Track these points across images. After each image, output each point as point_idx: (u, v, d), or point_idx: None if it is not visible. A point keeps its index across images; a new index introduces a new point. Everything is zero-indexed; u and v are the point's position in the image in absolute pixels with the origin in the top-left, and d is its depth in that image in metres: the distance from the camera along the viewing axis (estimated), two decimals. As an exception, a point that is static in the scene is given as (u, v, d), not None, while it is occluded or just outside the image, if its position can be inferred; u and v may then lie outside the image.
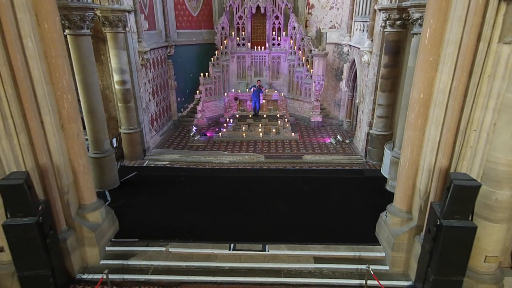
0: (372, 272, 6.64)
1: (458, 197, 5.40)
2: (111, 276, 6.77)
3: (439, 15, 5.68)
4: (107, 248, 7.70)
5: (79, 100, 8.75)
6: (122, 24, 10.82)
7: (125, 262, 7.42)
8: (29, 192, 5.57)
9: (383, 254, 7.52)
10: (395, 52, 10.66)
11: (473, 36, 5.31)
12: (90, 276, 7.17)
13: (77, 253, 7.18)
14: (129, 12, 11.06)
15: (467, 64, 5.48)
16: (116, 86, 11.46)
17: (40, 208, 5.87)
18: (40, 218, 5.76)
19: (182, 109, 17.25)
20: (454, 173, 5.77)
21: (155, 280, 7.11)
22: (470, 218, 5.60)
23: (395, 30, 10.35)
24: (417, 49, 6.45)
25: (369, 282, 6.75)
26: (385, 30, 10.61)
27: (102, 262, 7.42)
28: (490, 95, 5.35)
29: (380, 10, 10.62)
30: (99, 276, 7.01)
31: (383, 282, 6.78)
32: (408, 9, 8.74)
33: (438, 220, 5.65)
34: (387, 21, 10.36)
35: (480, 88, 5.47)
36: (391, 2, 10.10)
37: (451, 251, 5.65)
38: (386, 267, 7.30)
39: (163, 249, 7.73)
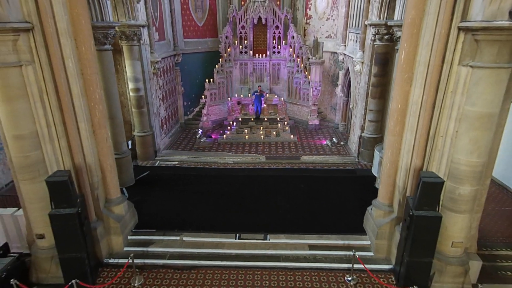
0: (357, 257, 7.76)
1: (426, 192, 6.54)
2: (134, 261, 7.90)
3: (411, 41, 6.81)
4: (129, 237, 8.85)
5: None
6: (137, 38, 11.94)
7: (145, 249, 8.57)
8: (71, 187, 6.73)
9: (369, 242, 8.66)
10: (384, 63, 11.77)
11: (438, 59, 6.43)
12: (116, 261, 8.32)
13: (105, 241, 8.32)
14: (143, 26, 12.19)
15: (434, 82, 6.60)
16: (131, 93, 12.59)
17: (78, 200, 7.02)
18: (79, 209, 6.91)
19: (188, 113, 18.39)
20: (424, 172, 6.92)
21: (171, 264, 8.26)
22: (437, 209, 6.72)
23: (383, 43, 11.45)
24: (398, 65, 7.55)
25: (356, 266, 7.87)
26: (374, 43, 11.72)
27: (126, 249, 8.56)
28: (452, 107, 6.47)
29: (370, 25, 11.75)
30: (123, 261, 8.15)
31: (368, 266, 7.88)
32: (392, 27, 9.86)
33: (411, 211, 6.79)
34: (376, 35, 11.48)
35: (445, 101, 6.59)
36: (379, 18, 11.22)
37: (421, 237, 6.78)
38: (371, 253, 8.43)
39: (178, 238, 8.89)
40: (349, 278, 7.80)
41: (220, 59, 17.68)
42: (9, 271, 7.04)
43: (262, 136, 16.03)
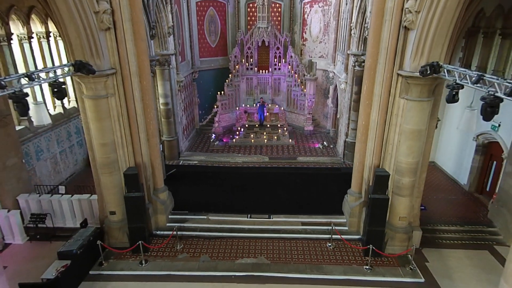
0: (336, 229, 10.95)
1: (378, 182, 9.71)
2: (174, 232, 11.06)
3: (369, 79, 9.98)
4: (169, 216, 12.03)
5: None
6: (167, 63, 15.13)
7: (181, 224, 11.73)
8: (138, 178, 9.92)
9: (345, 220, 11.81)
10: (362, 84, 14.89)
11: (386, 93, 9.59)
12: (161, 232, 11.50)
13: (153, 218, 11.48)
14: (172, 54, 15.37)
15: (384, 107, 9.77)
16: (161, 107, 15.77)
17: (141, 188, 10.21)
18: (142, 193, 10.11)
19: (202, 120, 21.59)
20: (377, 168, 10.10)
21: (201, 235, 11.43)
22: (386, 193, 9.89)
23: (361, 69, 14.49)
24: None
25: (334, 236, 11.05)
26: (355, 68, 14.87)
27: (168, 224, 11.73)
28: (396, 125, 9.62)
29: (351, 54, 14.94)
30: (167, 233, 11.33)
31: (343, 236, 11.04)
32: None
33: (369, 195, 9.98)
34: (356, 62, 14.64)
35: (391, 121, 9.75)
36: (358, 50, 14.39)
37: (375, 212, 9.93)
38: (346, 228, 11.59)
39: (205, 217, 12.08)
40: (329, 244, 10.98)
41: (230, 75, 20.84)
42: (93, 236, 10.22)
43: (265, 140, 19.16)
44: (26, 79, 6.47)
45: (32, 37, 12.97)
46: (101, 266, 10.03)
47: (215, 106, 20.84)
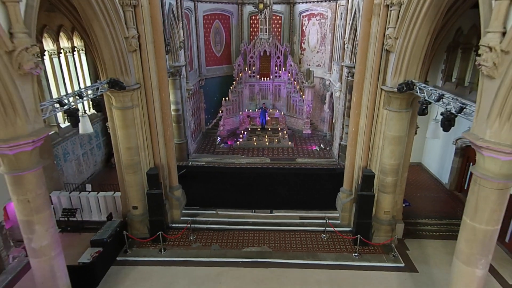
0: (329, 222, 12.53)
1: (365, 180, 11.30)
2: (188, 225, 12.63)
3: (358, 92, 11.57)
4: (183, 211, 13.61)
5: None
6: (179, 74, 16.72)
7: (193, 218, 13.29)
8: (158, 177, 11.51)
9: (337, 215, 13.40)
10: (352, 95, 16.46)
11: (372, 104, 11.17)
12: (176, 225, 13.08)
13: (169, 213, 13.06)
14: (183, 66, 16.96)
15: (370, 116, 11.34)
16: (172, 113, 17.21)
17: (160, 186, 11.79)
18: (161, 190, 11.69)
19: (208, 124, 23.18)
20: (365, 169, 11.69)
21: (211, 228, 12.99)
22: (372, 191, 11.47)
23: (353, 79, 16.16)
24: (352, 105, 12.30)
25: (328, 228, 12.63)
26: (348, 78, 16.44)
27: (182, 218, 13.31)
28: (380, 131, 11.19)
29: (344, 66, 16.53)
30: (181, 225, 12.90)
31: (336, 228, 12.61)
32: (356, 73, 14.59)
33: (358, 192, 11.56)
34: (349, 73, 16.22)
35: (376, 128, 11.33)
36: (350, 62, 15.98)
37: (363, 207, 11.51)
38: (338, 221, 13.17)
39: (214, 212, 13.66)
40: (324, 235, 12.56)
41: (234, 82, 22.44)
42: (119, 227, 11.79)
43: (267, 143, 20.74)
44: (77, 96, 8.04)
45: (60, 52, 14.55)
46: (126, 253, 11.60)
47: (220, 111, 22.42)
